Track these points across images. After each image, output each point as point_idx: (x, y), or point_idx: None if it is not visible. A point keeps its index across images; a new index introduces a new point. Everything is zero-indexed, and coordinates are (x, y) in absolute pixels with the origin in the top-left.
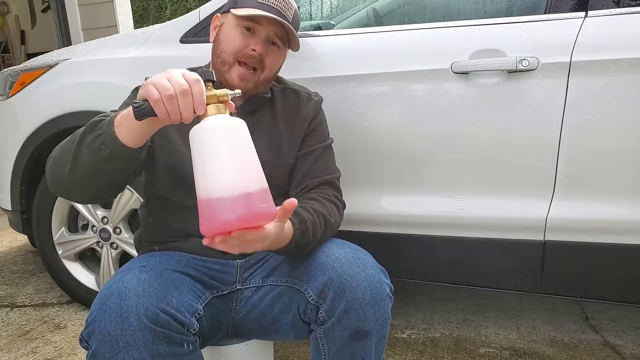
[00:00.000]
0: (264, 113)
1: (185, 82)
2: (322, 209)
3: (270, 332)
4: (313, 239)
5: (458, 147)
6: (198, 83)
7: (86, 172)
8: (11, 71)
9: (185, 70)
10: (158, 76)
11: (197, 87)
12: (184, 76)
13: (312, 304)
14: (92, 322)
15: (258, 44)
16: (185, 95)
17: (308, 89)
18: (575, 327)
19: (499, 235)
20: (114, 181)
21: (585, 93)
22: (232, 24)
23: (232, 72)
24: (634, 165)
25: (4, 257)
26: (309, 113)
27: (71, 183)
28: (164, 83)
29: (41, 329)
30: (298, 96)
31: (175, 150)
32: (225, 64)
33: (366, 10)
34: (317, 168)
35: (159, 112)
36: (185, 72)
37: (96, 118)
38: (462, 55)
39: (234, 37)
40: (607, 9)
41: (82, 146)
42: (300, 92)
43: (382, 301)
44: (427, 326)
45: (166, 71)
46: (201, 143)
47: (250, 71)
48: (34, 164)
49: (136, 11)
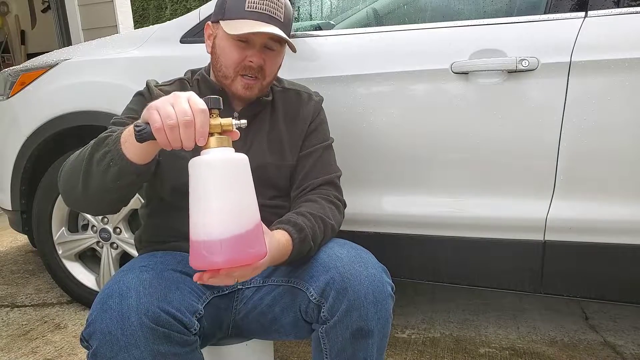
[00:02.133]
0: (264, 116)
1: (189, 111)
2: (320, 211)
3: (270, 332)
4: (314, 244)
5: (458, 147)
6: (202, 114)
7: (98, 189)
8: (11, 71)
9: (192, 95)
10: (163, 101)
11: (201, 118)
12: (190, 103)
13: (314, 303)
14: (92, 321)
15: (255, 56)
16: (188, 127)
17: (309, 89)
18: (575, 327)
19: (499, 235)
20: (127, 194)
21: (585, 93)
22: (226, 37)
23: (236, 85)
24: (634, 165)
25: (4, 257)
26: (309, 113)
27: (86, 200)
28: (168, 110)
29: (41, 329)
30: (299, 96)
31: (177, 155)
32: (227, 78)
33: (366, 10)
34: (318, 168)
35: (160, 139)
36: (192, 99)
37: (104, 134)
38: (462, 55)
39: (230, 51)
40: (607, 9)
41: (91, 164)
42: (301, 92)
43: (384, 300)
44: (427, 326)
45: (173, 95)
46: (197, 177)
47: (253, 80)
48: (34, 164)
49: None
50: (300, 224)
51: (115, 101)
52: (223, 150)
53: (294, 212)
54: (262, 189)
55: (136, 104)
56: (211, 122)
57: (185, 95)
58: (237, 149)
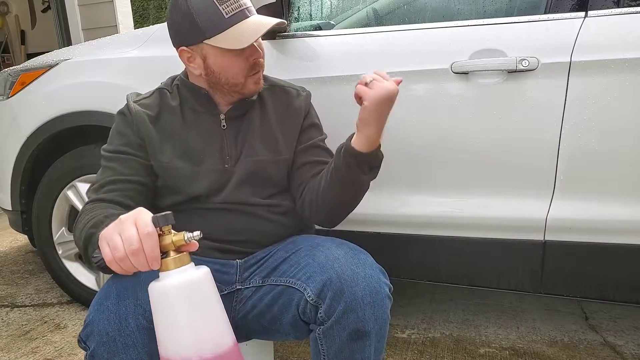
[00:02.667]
0: (253, 114)
1: (136, 238)
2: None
3: (270, 332)
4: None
5: (458, 147)
6: (150, 238)
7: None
8: (11, 71)
9: (139, 216)
10: (111, 230)
11: (149, 243)
12: (137, 228)
13: (312, 304)
14: (90, 322)
15: (255, 52)
16: (137, 255)
17: (295, 85)
18: (575, 327)
19: (499, 235)
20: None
21: (585, 93)
22: (222, 52)
23: (249, 86)
24: (634, 165)
25: (4, 257)
26: (301, 106)
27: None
28: (115, 242)
29: (41, 329)
30: (286, 92)
31: (168, 165)
32: (237, 86)
33: (366, 10)
34: (320, 156)
35: (115, 270)
36: (139, 222)
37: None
38: (462, 55)
39: (233, 64)
40: (607, 9)
41: (87, 258)
42: (288, 88)
43: (381, 302)
44: (427, 326)
45: (119, 221)
46: (155, 304)
47: (259, 73)
48: (34, 164)
49: (136, 11)
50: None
51: (115, 101)
52: (179, 273)
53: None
54: (259, 188)
55: (121, 125)
56: (162, 242)
57: (132, 219)
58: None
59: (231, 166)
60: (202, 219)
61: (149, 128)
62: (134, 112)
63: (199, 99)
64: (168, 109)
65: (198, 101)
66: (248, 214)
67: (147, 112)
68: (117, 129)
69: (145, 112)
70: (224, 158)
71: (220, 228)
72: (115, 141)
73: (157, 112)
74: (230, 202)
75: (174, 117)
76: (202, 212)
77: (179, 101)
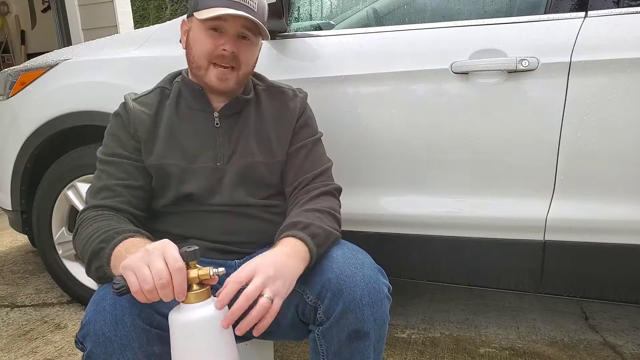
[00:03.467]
0: (249, 113)
1: (166, 273)
2: (324, 205)
3: (269, 332)
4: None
5: (458, 147)
6: (179, 273)
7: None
8: (11, 71)
9: (167, 249)
10: (138, 262)
11: (178, 278)
12: (167, 262)
13: (310, 304)
14: (86, 323)
15: (228, 43)
16: (166, 288)
17: (292, 86)
18: (575, 327)
19: (499, 235)
20: None
21: (585, 93)
22: (199, 27)
23: (210, 75)
24: (634, 165)
25: (4, 257)
26: (295, 109)
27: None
28: (144, 274)
29: (41, 329)
30: (283, 94)
31: (161, 163)
32: (200, 69)
33: (366, 10)
34: (310, 161)
35: (139, 299)
36: (167, 256)
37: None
38: (462, 55)
39: (203, 41)
40: (607, 9)
41: (90, 270)
42: (285, 89)
43: (380, 302)
44: (427, 326)
45: (147, 252)
46: (175, 333)
47: (228, 70)
48: (34, 164)
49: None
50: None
51: (115, 101)
52: (201, 308)
53: (301, 210)
54: (254, 189)
55: (116, 127)
56: (189, 275)
57: (160, 252)
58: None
59: (223, 164)
60: (199, 221)
61: (146, 126)
62: (131, 111)
63: (194, 95)
64: (166, 107)
65: (193, 97)
66: (245, 215)
67: (145, 110)
68: (111, 132)
69: (143, 111)
70: (217, 156)
71: (218, 229)
72: (110, 144)
73: (155, 110)
74: (227, 204)
75: (171, 114)
76: (199, 214)
77: (177, 98)
